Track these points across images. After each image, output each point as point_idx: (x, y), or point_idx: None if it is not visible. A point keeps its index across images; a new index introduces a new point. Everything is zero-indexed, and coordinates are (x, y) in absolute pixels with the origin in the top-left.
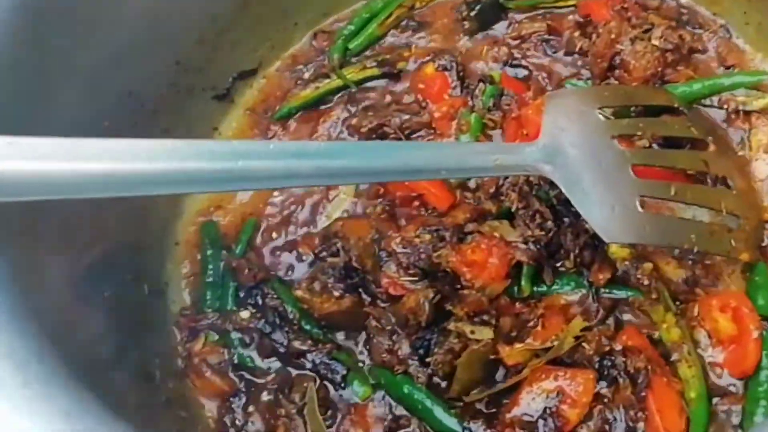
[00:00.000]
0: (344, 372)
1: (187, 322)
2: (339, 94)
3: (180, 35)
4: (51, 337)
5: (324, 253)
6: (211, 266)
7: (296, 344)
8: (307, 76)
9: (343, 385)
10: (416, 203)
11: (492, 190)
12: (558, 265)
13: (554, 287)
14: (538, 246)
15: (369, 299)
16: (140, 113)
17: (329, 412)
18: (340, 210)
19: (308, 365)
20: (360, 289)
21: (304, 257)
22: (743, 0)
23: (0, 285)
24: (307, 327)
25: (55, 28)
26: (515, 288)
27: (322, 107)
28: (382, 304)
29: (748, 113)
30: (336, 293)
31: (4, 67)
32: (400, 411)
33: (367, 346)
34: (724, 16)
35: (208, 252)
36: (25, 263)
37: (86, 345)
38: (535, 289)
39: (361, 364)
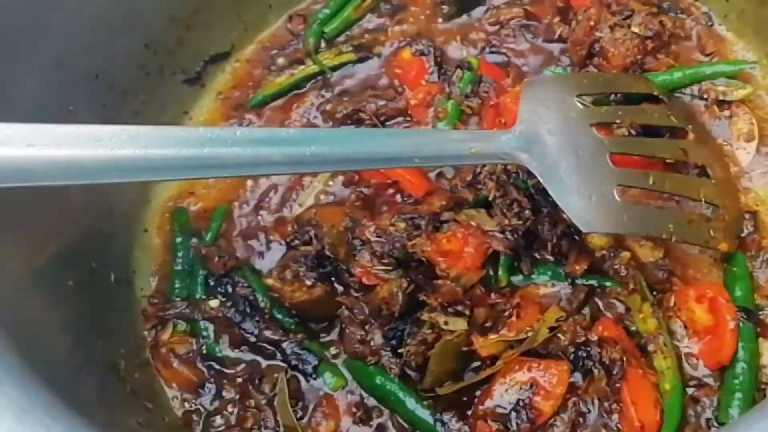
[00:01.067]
0: (316, 363)
1: (155, 311)
2: (313, 80)
3: (150, 15)
4: (8, 329)
5: (296, 242)
6: (180, 254)
7: (267, 334)
8: (281, 61)
9: (314, 375)
10: (391, 190)
11: (469, 179)
12: (535, 255)
13: (531, 278)
14: (516, 235)
15: (341, 289)
16: (108, 96)
17: (300, 404)
18: (312, 197)
19: (279, 356)
20: (332, 279)
21: (275, 245)
22: None
23: None
24: (279, 316)
25: (17, 8)
26: (491, 278)
27: (296, 92)
28: (355, 294)
29: (728, 102)
30: (308, 282)
31: None
32: (371, 402)
33: (340, 337)
34: (707, 3)
35: (178, 239)
36: None
37: (48, 337)
38: (511, 279)
39: (332, 355)
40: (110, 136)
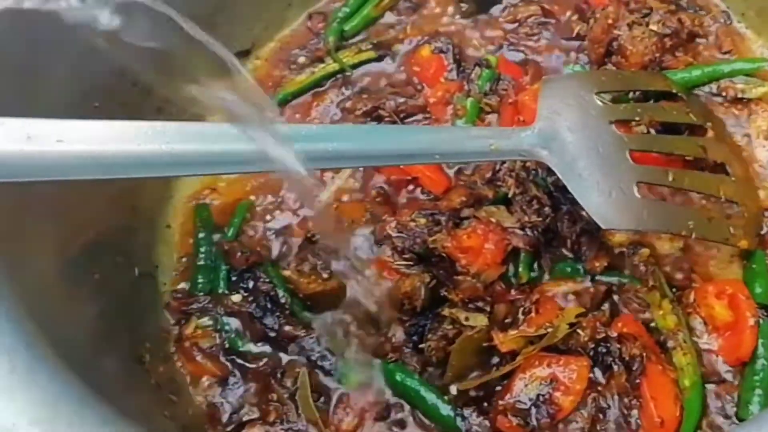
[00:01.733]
0: (335, 359)
1: (178, 305)
2: (333, 78)
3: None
4: (39, 321)
5: (316, 236)
6: (203, 249)
7: (287, 329)
8: (301, 60)
9: (333, 372)
10: (411, 187)
11: (488, 176)
12: (555, 252)
13: (551, 274)
14: (536, 232)
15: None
16: (132, 93)
17: (321, 398)
18: (333, 193)
19: (299, 351)
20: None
21: (295, 239)
22: None
23: None
24: (299, 312)
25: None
26: (510, 275)
27: (316, 90)
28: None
29: (747, 100)
30: (324, 275)
31: None
32: (392, 397)
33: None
34: (725, 1)
35: (200, 235)
36: (13, 246)
37: (75, 329)
38: (531, 275)
39: (351, 351)
40: (136, 132)
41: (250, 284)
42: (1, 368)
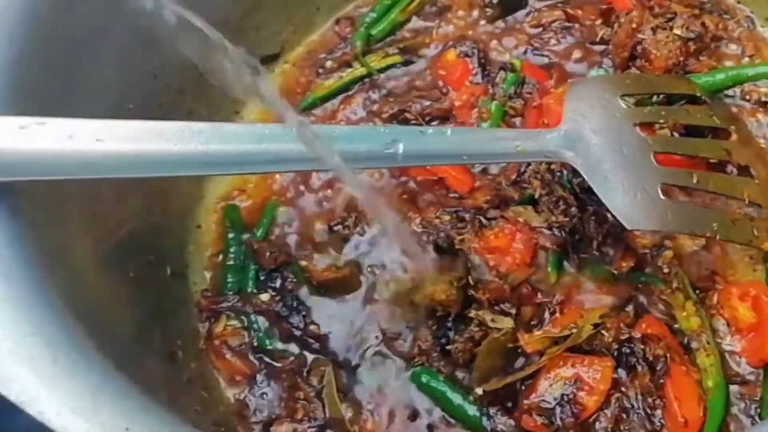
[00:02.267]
0: (358, 360)
1: (208, 304)
2: (360, 82)
3: (205, 17)
4: (78, 314)
5: (338, 226)
6: (232, 249)
7: (312, 329)
8: (329, 64)
9: (356, 372)
10: (437, 187)
11: (514, 177)
12: (582, 252)
13: (579, 273)
14: (563, 232)
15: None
16: (165, 95)
17: (347, 397)
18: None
19: (324, 350)
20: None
21: (319, 231)
22: None
23: (28, 262)
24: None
25: (80, 9)
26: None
27: (344, 95)
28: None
29: None
30: (339, 264)
31: (36, 45)
32: (417, 397)
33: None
34: (749, 5)
35: (230, 235)
36: (53, 241)
37: (112, 324)
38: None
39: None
40: (173, 132)
41: (278, 283)
42: (44, 359)
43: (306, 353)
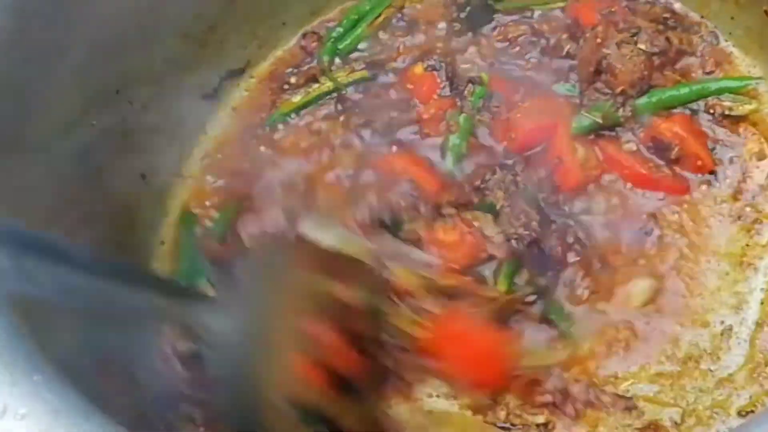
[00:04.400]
0: None
1: None
2: (328, 96)
3: (166, 33)
4: (38, 336)
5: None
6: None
7: None
8: (294, 80)
9: None
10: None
11: (477, 183)
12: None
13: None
14: (520, 244)
15: None
16: (129, 111)
17: None
18: None
19: None
20: None
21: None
22: (732, 4)
23: None
24: None
25: (40, 25)
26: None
27: (311, 109)
28: None
29: (735, 121)
30: None
31: None
32: None
33: None
34: (712, 20)
35: (186, 244)
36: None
37: (74, 344)
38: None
39: None
40: None
41: None
42: (3, 381)
43: None
